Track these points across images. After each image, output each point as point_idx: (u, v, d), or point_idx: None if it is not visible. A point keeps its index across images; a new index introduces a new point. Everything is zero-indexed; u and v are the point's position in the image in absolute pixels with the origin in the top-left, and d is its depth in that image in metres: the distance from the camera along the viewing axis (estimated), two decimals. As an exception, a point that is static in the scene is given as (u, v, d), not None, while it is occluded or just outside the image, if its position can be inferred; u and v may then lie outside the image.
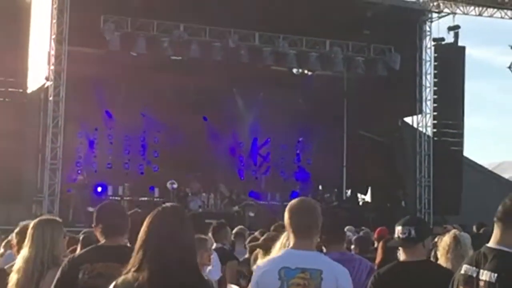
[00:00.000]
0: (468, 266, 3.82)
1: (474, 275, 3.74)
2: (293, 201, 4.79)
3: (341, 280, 4.52)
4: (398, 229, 5.27)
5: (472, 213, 23.63)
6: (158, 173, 26.91)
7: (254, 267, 4.72)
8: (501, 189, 29.47)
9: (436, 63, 27.48)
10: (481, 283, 3.66)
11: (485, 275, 3.65)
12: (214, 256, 7.04)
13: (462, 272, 3.84)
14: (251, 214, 24.59)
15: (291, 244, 4.67)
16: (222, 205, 25.53)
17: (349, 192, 30.01)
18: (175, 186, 24.82)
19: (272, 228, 9.48)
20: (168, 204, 3.87)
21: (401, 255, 5.30)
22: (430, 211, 26.39)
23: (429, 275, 5.08)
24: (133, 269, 3.62)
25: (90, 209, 23.11)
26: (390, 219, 21.67)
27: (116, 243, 4.95)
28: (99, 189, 25.06)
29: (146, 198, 24.85)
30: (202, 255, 6.54)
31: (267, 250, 6.03)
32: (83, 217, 22.14)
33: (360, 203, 28.94)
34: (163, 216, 3.72)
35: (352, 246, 8.93)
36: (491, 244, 3.75)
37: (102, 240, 5.01)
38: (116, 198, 24.26)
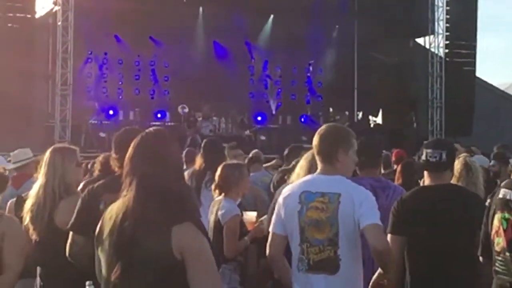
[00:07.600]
0: (508, 190, 3.69)
1: None
2: (322, 127, 4.74)
3: (358, 202, 4.37)
4: (428, 151, 4.87)
5: (484, 134, 23.60)
6: (168, 98, 26.92)
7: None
8: (513, 109, 29.39)
9: (448, -18, 26.96)
10: None
11: None
12: None
13: (500, 196, 3.71)
14: (263, 138, 24.59)
15: (318, 169, 4.66)
16: (233, 128, 25.54)
17: (360, 114, 29.89)
18: (186, 110, 24.79)
19: (286, 151, 9.45)
20: (151, 129, 3.76)
21: (426, 180, 4.98)
22: (442, 132, 26.32)
23: (456, 200, 4.81)
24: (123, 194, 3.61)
25: (102, 134, 23.23)
26: (402, 141, 21.73)
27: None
28: (111, 112, 25.10)
29: (157, 123, 24.84)
30: (245, 185, 6.45)
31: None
32: (95, 142, 22.25)
33: (372, 125, 28.84)
34: (147, 141, 3.64)
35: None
36: None
37: (120, 169, 4.94)
38: (128, 123, 24.24)
